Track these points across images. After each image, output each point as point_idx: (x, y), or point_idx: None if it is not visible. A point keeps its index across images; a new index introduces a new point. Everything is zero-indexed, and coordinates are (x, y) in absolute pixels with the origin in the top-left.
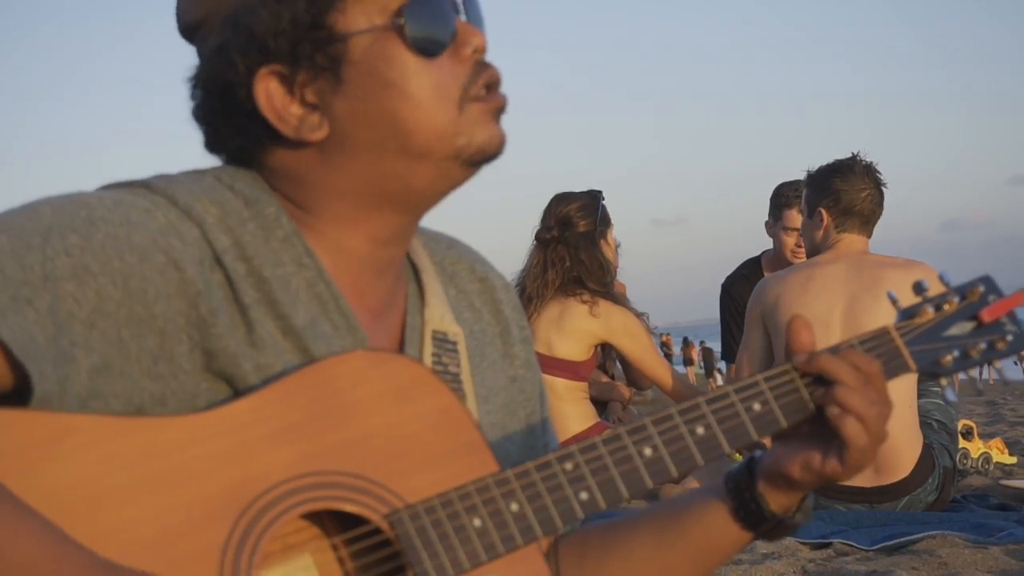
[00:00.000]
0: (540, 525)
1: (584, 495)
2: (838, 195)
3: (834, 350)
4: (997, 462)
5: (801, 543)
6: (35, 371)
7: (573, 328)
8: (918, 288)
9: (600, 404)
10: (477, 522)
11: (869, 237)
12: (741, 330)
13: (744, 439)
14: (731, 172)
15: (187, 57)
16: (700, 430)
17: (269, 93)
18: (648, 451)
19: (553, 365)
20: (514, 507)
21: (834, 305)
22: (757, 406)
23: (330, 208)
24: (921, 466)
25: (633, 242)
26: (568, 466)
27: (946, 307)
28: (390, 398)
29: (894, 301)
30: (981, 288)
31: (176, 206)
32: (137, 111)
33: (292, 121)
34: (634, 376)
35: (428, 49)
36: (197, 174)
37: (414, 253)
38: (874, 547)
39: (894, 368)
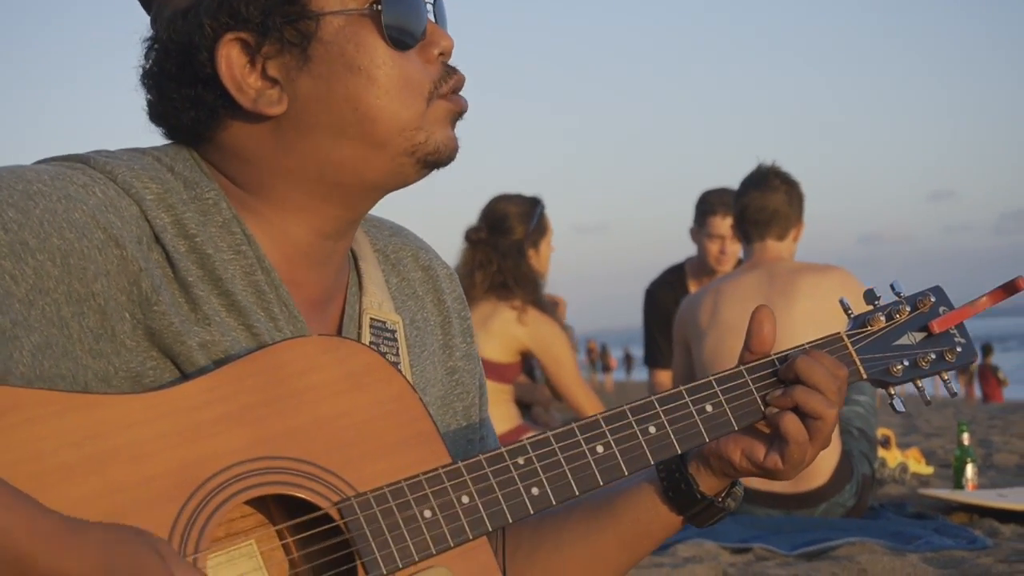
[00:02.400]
0: (490, 519)
1: (535, 491)
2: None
3: (799, 353)
4: (914, 472)
5: (722, 547)
6: None
7: (500, 332)
8: (870, 296)
9: (524, 406)
10: (428, 514)
11: (780, 240)
12: (664, 336)
13: (695, 440)
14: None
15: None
16: (652, 429)
17: (230, 60)
18: (600, 448)
19: None
20: (465, 500)
21: (748, 312)
22: (709, 408)
23: (277, 193)
24: (839, 473)
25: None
26: (520, 461)
27: (897, 316)
28: (342, 385)
29: (846, 308)
30: (932, 299)
31: (115, 183)
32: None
33: (250, 92)
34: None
35: (401, 40)
36: (136, 152)
37: (355, 241)
38: (794, 552)
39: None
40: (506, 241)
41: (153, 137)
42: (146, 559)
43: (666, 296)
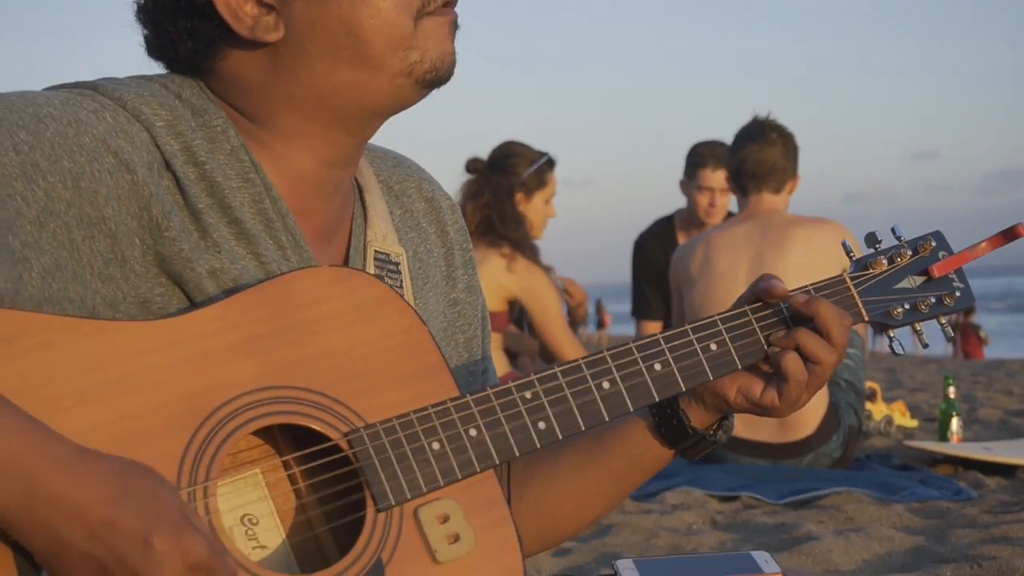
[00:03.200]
0: (498, 452)
1: (542, 424)
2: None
3: (801, 294)
4: (899, 425)
5: (709, 495)
6: None
7: (488, 279)
8: (871, 239)
9: (512, 356)
10: (436, 445)
11: (776, 193)
12: (652, 288)
13: (700, 377)
14: (640, 135)
15: None
16: (658, 367)
17: None
18: (606, 384)
19: None
20: (473, 432)
21: (738, 262)
22: (714, 346)
23: (280, 120)
24: (826, 423)
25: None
26: (527, 394)
27: (899, 260)
28: (352, 316)
29: (848, 251)
30: (933, 243)
31: (124, 109)
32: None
33: (246, 20)
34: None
35: None
36: (144, 79)
37: (359, 173)
38: (781, 501)
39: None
40: (500, 179)
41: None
42: (158, 488)
43: (655, 248)
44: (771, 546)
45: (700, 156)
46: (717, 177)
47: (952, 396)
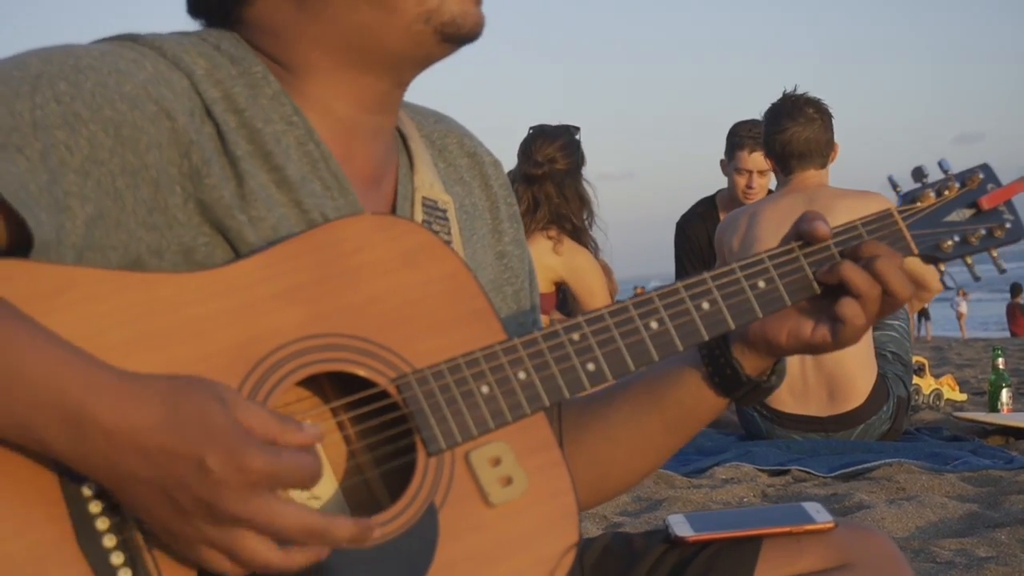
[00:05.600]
0: (547, 394)
1: (591, 366)
2: (771, 140)
3: (848, 230)
4: (948, 398)
5: (759, 470)
6: (31, 219)
7: (534, 261)
8: (917, 174)
9: None
10: (485, 389)
11: (823, 167)
12: (695, 268)
13: (749, 315)
14: (679, 121)
15: None
16: (706, 305)
17: None
18: (654, 324)
19: None
20: (521, 375)
21: (783, 233)
22: (762, 284)
23: (312, 64)
24: (875, 395)
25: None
26: (575, 336)
27: (947, 192)
28: (396, 263)
29: (894, 185)
30: (980, 176)
31: (164, 57)
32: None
33: None
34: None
35: None
36: (182, 33)
37: (402, 124)
38: (831, 474)
39: (897, 251)
40: (560, 172)
41: None
42: (209, 407)
43: (697, 228)
44: None
45: (738, 137)
46: (754, 159)
47: (1001, 367)
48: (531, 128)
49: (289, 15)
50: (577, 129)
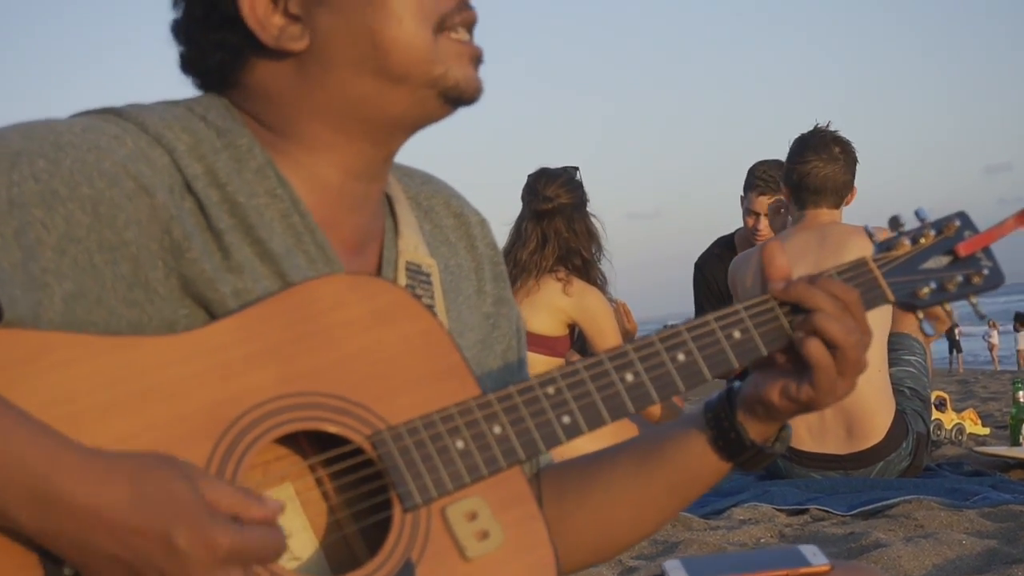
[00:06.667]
0: (523, 448)
1: (566, 419)
2: (790, 171)
3: (812, 279)
4: (971, 433)
5: (778, 510)
6: (3, 296)
7: (545, 303)
8: (894, 222)
9: None
10: (460, 444)
11: (836, 207)
12: (713, 308)
13: (724, 366)
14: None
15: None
16: (681, 357)
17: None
18: (630, 377)
19: (529, 340)
20: (497, 430)
21: (798, 271)
22: (737, 334)
23: (306, 132)
24: (894, 431)
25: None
26: (550, 390)
27: (922, 240)
28: (370, 321)
29: (870, 235)
30: (957, 223)
31: (146, 133)
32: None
33: (273, 30)
34: None
35: None
36: (170, 104)
37: (388, 187)
38: (850, 512)
39: (872, 299)
40: (568, 207)
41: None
42: (174, 485)
43: (715, 268)
44: (839, 555)
45: (753, 177)
46: (761, 202)
47: (1022, 400)
48: (530, 174)
49: (289, 83)
50: (576, 169)
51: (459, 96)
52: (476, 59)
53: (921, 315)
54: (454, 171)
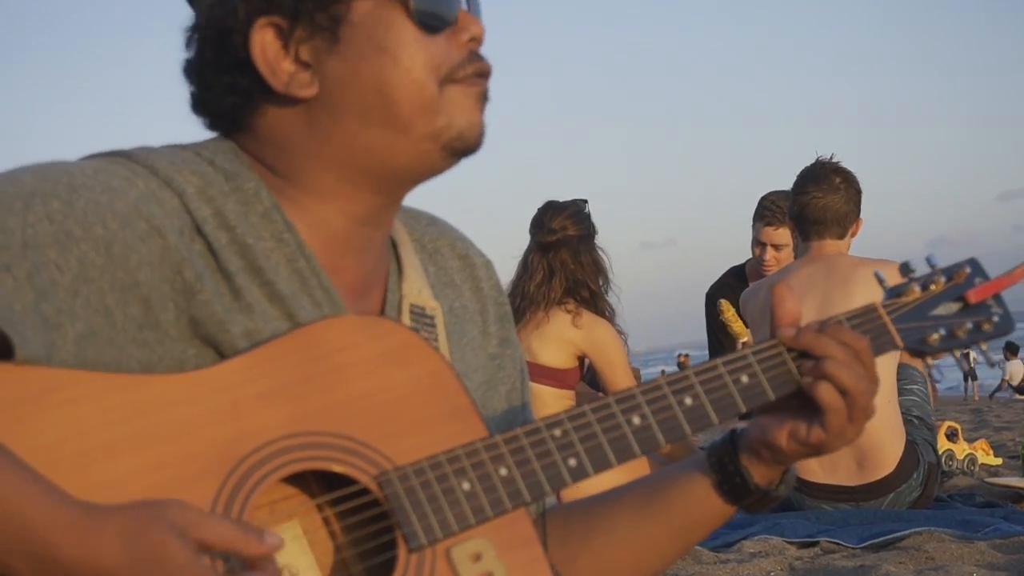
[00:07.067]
0: (528, 490)
1: (573, 462)
2: (793, 204)
3: (821, 326)
4: (983, 463)
5: (788, 542)
6: (16, 336)
7: (554, 336)
8: (904, 269)
9: None
10: (466, 485)
11: (840, 238)
12: (727, 338)
13: (732, 410)
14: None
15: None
16: (688, 400)
17: (264, 44)
18: (636, 420)
19: (539, 373)
20: (503, 472)
21: (804, 304)
22: (745, 378)
23: (312, 178)
24: (905, 462)
25: (623, 265)
26: (557, 432)
27: (932, 287)
28: (379, 361)
29: (881, 280)
30: (967, 270)
31: (156, 176)
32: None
33: (283, 76)
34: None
35: (430, 24)
36: (178, 147)
37: (394, 230)
38: (861, 544)
39: (881, 345)
40: (575, 239)
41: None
42: (167, 543)
43: (727, 298)
44: None
45: (760, 207)
46: (768, 233)
47: None
48: (538, 207)
49: (297, 129)
50: (584, 202)
51: (462, 147)
52: (483, 97)
53: (930, 361)
54: (466, 203)
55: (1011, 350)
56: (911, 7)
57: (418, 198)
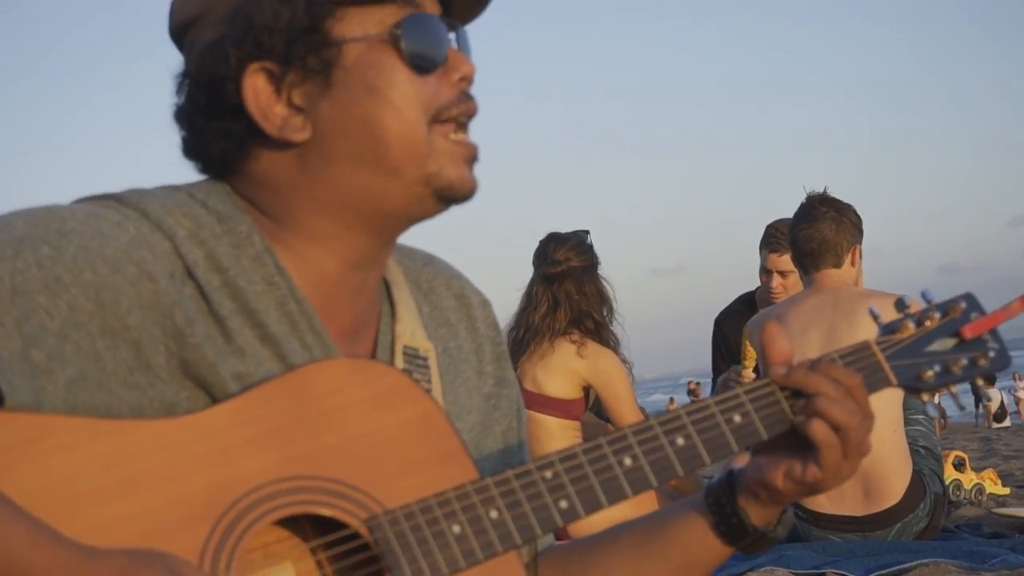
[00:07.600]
0: (519, 532)
1: (564, 503)
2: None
3: (813, 364)
4: (991, 493)
5: (794, 574)
6: (4, 384)
7: (559, 367)
8: (899, 305)
9: None
10: (456, 528)
11: (838, 267)
12: (727, 364)
13: (724, 450)
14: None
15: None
16: (680, 441)
17: (256, 89)
18: (628, 461)
19: (544, 403)
20: (493, 514)
21: (810, 334)
22: (738, 418)
23: (304, 221)
24: (912, 492)
25: (634, 293)
26: (548, 474)
27: (927, 323)
28: (369, 404)
29: (875, 317)
30: (963, 305)
31: (148, 219)
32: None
33: (276, 121)
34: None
35: (421, 65)
36: (170, 189)
37: (388, 270)
38: None
39: (875, 382)
40: (578, 270)
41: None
42: None
43: (734, 325)
44: None
45: (766, 235)
46: (772, 260)
47: None
48: (541, 239)
49: (290, 173)
50: (587, 232)
51: (452, 196)
52: (471, 159)
53: (927, 398)
54: (476, 233)
55: (988, 380)
56: (922, 35)
57: (425, 229)
